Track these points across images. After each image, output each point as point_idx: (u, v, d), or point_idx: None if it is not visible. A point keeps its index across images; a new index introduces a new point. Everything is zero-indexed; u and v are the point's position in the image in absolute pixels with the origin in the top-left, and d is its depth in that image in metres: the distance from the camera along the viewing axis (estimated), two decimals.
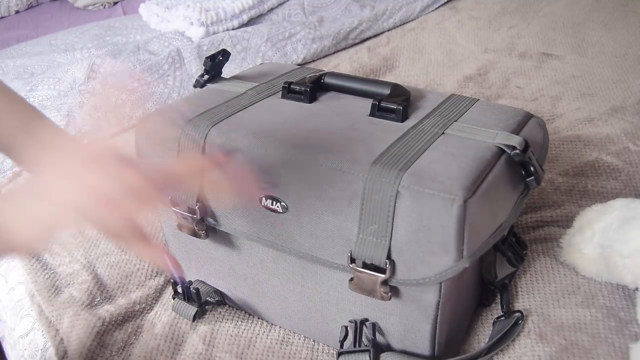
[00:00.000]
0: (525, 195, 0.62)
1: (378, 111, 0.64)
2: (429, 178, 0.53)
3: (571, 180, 0.88)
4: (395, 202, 0.53)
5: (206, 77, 0.76)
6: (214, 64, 0.75)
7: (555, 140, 0.98)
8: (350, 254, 0.56)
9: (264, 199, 0.60)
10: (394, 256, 0.55)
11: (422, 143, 0.59)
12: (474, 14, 1.59)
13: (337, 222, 0.57)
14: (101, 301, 0.77)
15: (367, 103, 0.66)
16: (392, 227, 0.54)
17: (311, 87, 0.69)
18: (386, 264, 0.55)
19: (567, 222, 0.79)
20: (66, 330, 0.72)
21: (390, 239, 0.54)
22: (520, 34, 1.44)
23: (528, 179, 0.61)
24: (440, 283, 0.55)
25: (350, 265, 0.57)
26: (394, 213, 0.53)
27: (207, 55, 0.75)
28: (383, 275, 0.55)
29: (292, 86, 0.70)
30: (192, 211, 0.65)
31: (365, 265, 0.56)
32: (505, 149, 0.59)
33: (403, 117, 0.63)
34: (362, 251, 0.56)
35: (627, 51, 1.30)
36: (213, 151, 0.62)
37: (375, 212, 0.54)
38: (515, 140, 0.59)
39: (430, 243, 0.53)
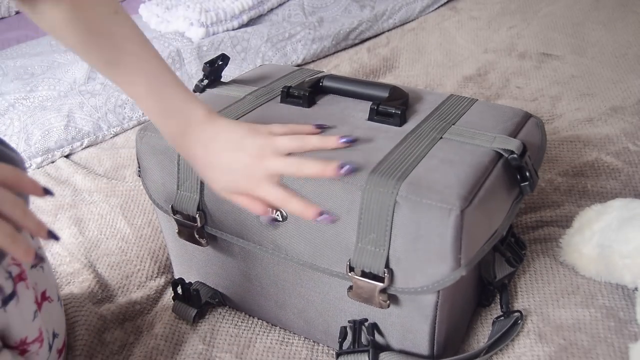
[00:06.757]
0: (519, 201, 0.62)
1: (377, 115, 0.64)
2: (427, 187, 0.53)
3: (571, 180, 0.89)
4: (393, 212, 0.53)
5: (205, 82, 0.76)
6: (213, 69, 0.75)
7: (554, 141, 0.98)
8: (349, 262, 0.57)
9: None
10: (392, 265, 0.55)
11: (420, 150, 0.58)
12: (473, 14, 1.59)
13: (336, 231, 0.57)
14: (102, 299, 0.77)
15: (366, 106, 0.66)
16: (390, 237, 0.54)
17: (310, 92, 0.69)
18: (384, 273, 0.55)
19: (566, 222, 0.80)
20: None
21: (389, 248, 0.54)
22: (520, 34, 1.44)
23: (522, 184, 0.61)
24: None
25: (349, 274, 0.57)
26: (392, 223, 0.53)
27: (206, 61, 0.74)
28: (381, 284, 0.55)
29: (291, 91, 0.69)
30: (192, 219, 0.66)
31: (364, 274, 0.56)
32: (503, 153, 0.59)
33: (401, 121, 0.63)
34: (360, 260, 0.56)
35: (627, 51, 1.30)
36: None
37: (374, 222, 0.54)
38: (513, 144, 0.59)
39: (428, 252, 0.53)
